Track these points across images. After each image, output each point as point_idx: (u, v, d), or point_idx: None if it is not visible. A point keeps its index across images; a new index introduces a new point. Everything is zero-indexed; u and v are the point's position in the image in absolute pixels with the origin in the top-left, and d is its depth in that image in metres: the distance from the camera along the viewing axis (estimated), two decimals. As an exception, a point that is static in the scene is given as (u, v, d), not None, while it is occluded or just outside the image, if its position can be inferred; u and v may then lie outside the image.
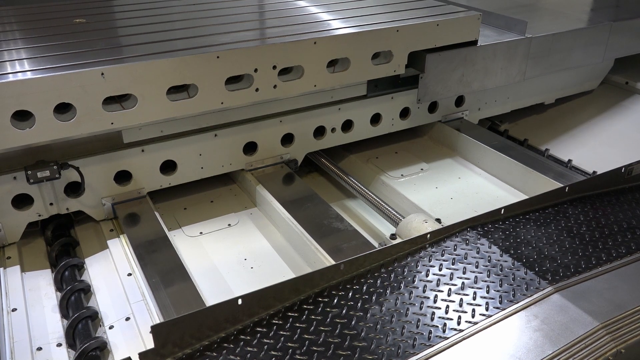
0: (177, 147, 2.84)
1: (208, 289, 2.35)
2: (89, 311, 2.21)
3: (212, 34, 3.04)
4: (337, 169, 3.22)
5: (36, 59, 2.56)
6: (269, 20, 3.52)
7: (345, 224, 2.65)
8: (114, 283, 2.42)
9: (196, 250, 2.66)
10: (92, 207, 2.74)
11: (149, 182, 2.84)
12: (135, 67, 2.46)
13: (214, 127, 2.93)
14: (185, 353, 1.79)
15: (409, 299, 1.97)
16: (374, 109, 3.38)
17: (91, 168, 2.65)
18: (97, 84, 2.38)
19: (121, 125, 2.52)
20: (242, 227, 2.85)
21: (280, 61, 2.77)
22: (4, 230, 2.56)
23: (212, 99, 2.67)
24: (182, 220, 2.88)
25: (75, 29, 3.03)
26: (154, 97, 2.52)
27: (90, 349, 2.05)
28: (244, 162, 3.07)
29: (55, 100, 2.32)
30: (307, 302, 1.96)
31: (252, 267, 2.57)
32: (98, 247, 2.66)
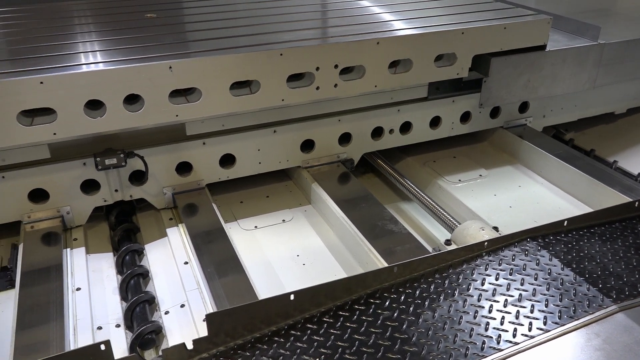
0: (237, 141, 2.89)
1: (260, 282, 2.38)
2: (146, 295, 2.29)
3: (275, 31, 3.08)
4: (393, 170, 3.19)
5: (109, 51, 2.68)
6: (331, 19, 3.54)
7: (399, 226, 2.63)
8: (171, 270, 2.49)
9: (250, 244, 2.71)
10: (153, 196, 2.83)
11: (209, 174, 2.91)
12: (201, 61, 2.53)
13: (274, 124, 2.96)
14: (236, 343, 1.83)
15: (462, 306, 1.92)
16: (434, 112, 3.33)
17: (155, 158, 2.74)
18: (165, 77, 2.45)
19: (185, 117, 2.60)
20: (296, 223, 2.88)
21: (342, 60, 2.78)
22: (72, 213, 2.69)
23: (274, 95, 2.70)
24: (238, 213, 2.94)
25: (146, 24, 3.15)
26: (218, 92, 2.58)
27: (147, 332, 2.12)
28: (301, 160, 3.09)
29: (125, 91, 2.42)
30: (358, 303, 1.95)
31: (304, 264, 2.59)
32: (157, 235, 2.75)
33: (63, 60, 2.53)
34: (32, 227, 2.61)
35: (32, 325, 2.06)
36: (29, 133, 2.34)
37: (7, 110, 2.27)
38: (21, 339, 2.00)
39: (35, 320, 2.08)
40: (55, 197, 2.63)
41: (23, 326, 2.05)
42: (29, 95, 2.27)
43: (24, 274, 2.33)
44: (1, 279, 2.45)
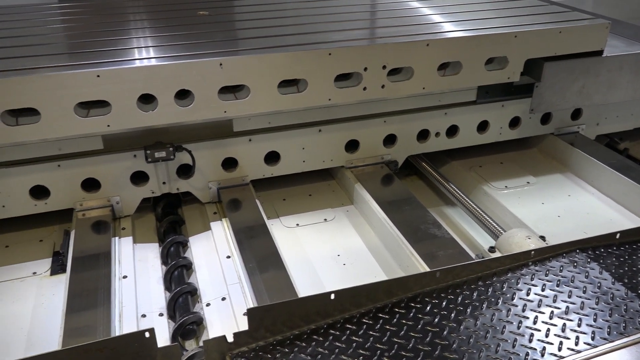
0: (282, 139, 2.92)
1: (300, 280, 2.39)
2: (189, 287, 2.34)
3: (324, 31, 3.09)
4: (438, 174, 3.15)
5: (162, 47, 2.75)
6: (380, 19, 3.52)
7: (442, 230, 2.59)
8: (214, 263, 2.54)
9: (291, 241, 2.72)
10: (199, 190, 2.89)
11: (253, 171, 2.95)
12: (251, 59, 2.56)
13: (319, 123, 2.97)
14: (275, 339, 1.84)
15: (506, 316, 1.88)
16: (482, 116, 3.26)
17: (202, 152, 2.79)
18: (215, 73, 2.50)
19: (233, 114, 2.64)
20: (337, 223, 2.88)
21: (391, 61, 2.76)
22: (122, 203, 2.77)
23: (321, 94, 2.71)
24: (281, 210, 2.96)
25: (198, 21, 3.21)
26: (266, 90, 2.61)
27: (188, 323, 2.17)
28: (345, 160, 3.09)
29: (176, 87, 2.47)
30: (399, 306, 1.93)
31: (344, 264, 2.59)
32: (201, 228, 2.81)
33: (118, 55, 2.61)
34: (83, 215, 2.71)
35: (81, 309, 2.14)
36: (84, 124, 2.42)
37: (65, 102, 2.36)
38: (70, 322, 2.07)
39: (84, 305, 2.16)
40: (106, 187, 2.72)
41: (72, 310, 2.13)
42: (86, 88, 2.35)
43: (74, 259, 2.42)
44: (54, 263, 2.55)
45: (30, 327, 2.23)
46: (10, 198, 2.59)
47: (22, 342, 2.16)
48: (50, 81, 2.30)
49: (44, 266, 2.55)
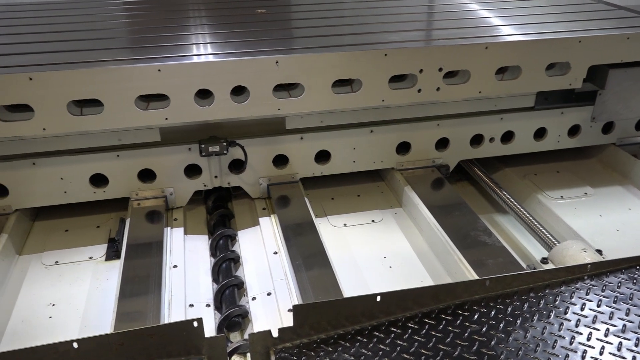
0: (333, 138, 2.93)
1: (346, 280, 2.39)
2: (236, 280, 2.38)
3: (380, 31, 3.08)
4: (491, 180, 3.07)
5: (220, 44, 2.81)
6: (437, 21, 3.48)
7: (493, 238, 2.53)
8: (261, 258, 2.57)
9: (338, 241, 2.72)
10: (249, 185, 2.94)
11: (303, 169, 2.97)
12: (307, 58, 2.57)
13: (371, 123, 2.96)
14: (320, 337, 1.85)
15: (558, 330, 1.82)
16: (540, 123, 3.16)
17: (254, 148, 2.83)
18: (271, 71, 2.53)
19: (287, 112, 2.66)
20: (385, 225, 2.86)
21: (447, 64, 2.72)
22: (175, 195, 2.85)
23: (374, 95, 2.70)
24: (329, 209, 2.97)
25: (256, 19, 3.27)
26: (320, 88, 2.62)
27: (234, 315, 2.20)
28: (395, 161, 3.07)
29: (233, 83, 2.52)
30: (445, 312, 1.90)
31: (390, 267, 2.57)
32: (250, 223, 2.85)
33: (178, 50, 2.69)
34: (138, 204, 2.80)
35: (133, 295, 2.21)
36: (144, 116, 2.50)
37: (126, 95, 2.44)
38: (122, 307, 2.15)
39: (135, 291, 2.23)
40: (161, 178, 2.80)
41: (125, 295, 2.21)
42: (147, 81, 2.43)
43: (128, 246, 2.50)
44: (109, 249, 2.65)
45: (85, 309, 2.33)
46: (72, 185, 2.71)
47: (77, 323, 2.26)
48: (114, 74, 2.39)
49: (100, 251, 2.66)
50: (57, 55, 2.65)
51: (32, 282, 2.47)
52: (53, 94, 2.36)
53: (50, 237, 2.77)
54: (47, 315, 2.28)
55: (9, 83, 2.31)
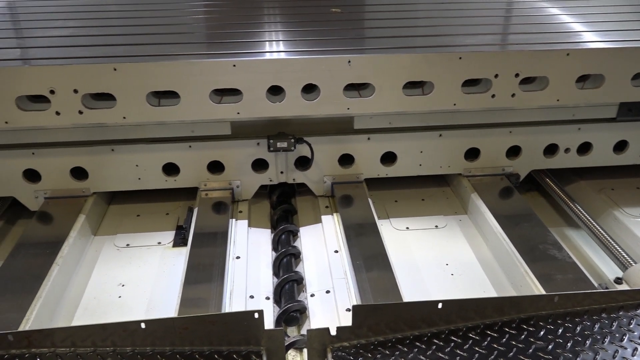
0: (401, 140, 2.90)
1: (406, 284, 2.36)
2: (296, 275, 2.41)
3: (455, 34, 3.03)
4: (563, 193, 2.94)
5: (294, 41, 2.84)
6: (515, 25, 3.37)
7: (563, 253, 2.42)
8: (321, 256, 2.59)
9: (400, 244, 2.70)
10: (314, 182, 2.96)
11: (368, 169, 2.96)
12: (379, 58, 2.56)
13: (440, 127, 2.91)
14: (377, 339, 1.84)
15: (632, 355, 1.72)
16: (621, 135, 3.00)
17: (321, 146, 2.85)
18: (343, 70, 2.54)
19: (356, 111, 2.66)
20: (449, 231, 2.81)
21: (525, 69, 2.62)
22: (241, 187, 2.92)
23: (446, 99, 2.65)
24: (392, 211, 2.94)
25: (330, 18, 3.28)
26: (391, 89, 2.60)
27: (292, 310, 2.23)
28: (463, 167, 3.00)
29: (305, 80, 2.55)
30: (509, 326, 1.84)
31: (452, 274, 2.52)
32: (312, 220, 2.87)
33: (252, 47, 2.75)
34: (206, 195, 2.89)
35: (197, 282, 2.29)
36: (217, 110, 2.58)
37: (202, 88, 2.52)
38: (187, 292, 2.22)
39: (199, 278, 2.30)
40: (229, 170, 2.87)
41: (189, 281, 2.28)
42: (223, 76, 2.50)
43: (195, 235, 2.59)
44: (176, 236, 2.75)
45: (151, 291, 2.43)
46: (146, 172, 2.83)
47: (144, 304, 2.36)
48: (191, 68, 2.47)
49: (168, 237, 2.76)
50: (139, 47, 2.78)
51: (104, 262, 2.61)
52: (134, 85, 2.48)
53: (123, 221, 2.91)
54: (117, 295, 2.40)
55: (95, 72, 2.44)
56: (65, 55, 2.61)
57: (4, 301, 2.15)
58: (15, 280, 2.26)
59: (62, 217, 2.69)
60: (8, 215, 2.92)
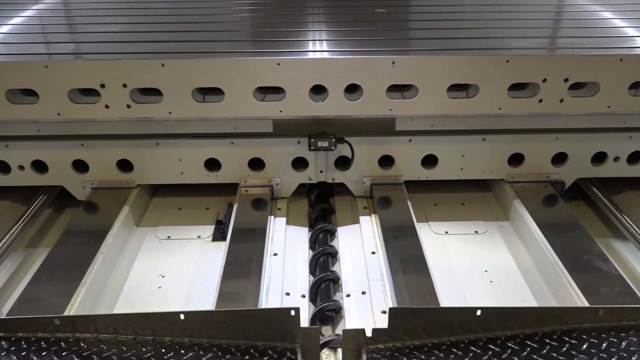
0: (442, 143, 2.86)
1: (443, 289, 2.32)
2: (332, 275, 2.41)
3: (502, 36, 2.97)
4: (611, 203, 2.84)
5: (338, 41, 2.85)
6: (565, 29, 3.28)
7: (609, 265, 2.34)
8: (358, 256, 2.58)
9: (439, 248, 2.67)
10: (353, 183, 2.96)
11: (408, 172, 2.94)
12: (424, 60, 2.54)
13: (484, 131, 2.86)
14: (413, 343, 1.82)
15: (680, 374, 1.65)
16: (675, 145, 2.88)
17: (361, 147, 2.84)
18: (387, 71, 2.52)
19: (398, 113, 2.65)
20: (489, 237, 2.76)
21: (575, 75, 2.55)
22: (281, 185, 2.94)
23: (491, 102, 2.60)
24: (431, 215, 2.91)
25: (375, 18, 3.27)
26: (434, 92, 2.57)
27: (328, 309, 2.23)
28: (506, 173, 2.94)
29: (348, 80, 2.55)
30: (550, 337, 1.80)
31: (491, 281, 2.47)
32: (350, 220, 2.87)
33: (296, 46, 2.76)
34: (246, 191, 2.92)
35: (235, 277, 2.32)
36: (260, 107, 2.60)
37: (246, 86, 2.55)
38: (224, 286, 2.26)
39: (237, 273, 2.33)
40: (269, 168, 2.90)
41: (227, 276, 2.32)
42: (267, 74, 2.52)
43: (234, 230, 2.62)
44: (216, 231, 2.79)
45: (190, 283, 2.47)
46: (189, 166, 2.89)
47: (182, 296, 2.41)
48: (236, 65, 2.51)
49: (207, 232, 2.81)
50: (186, 44, 2.83)
51: (146, 253, 2.67)
52: (181, 81, 2.53)
53: (164, 214, 2.97)
54: (157, 285, 2.46)
55: (144, 68, 2.50)
56: (115, 51, 2.69)
57: (50, 286, 2.24)
58: (61, 267, 2.35)
59: (107, 208, 2.77)
60: (57, 203, 3.03)
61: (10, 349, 1.74)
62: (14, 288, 2.46)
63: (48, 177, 2.88)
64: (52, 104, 2.55)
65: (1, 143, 2.79)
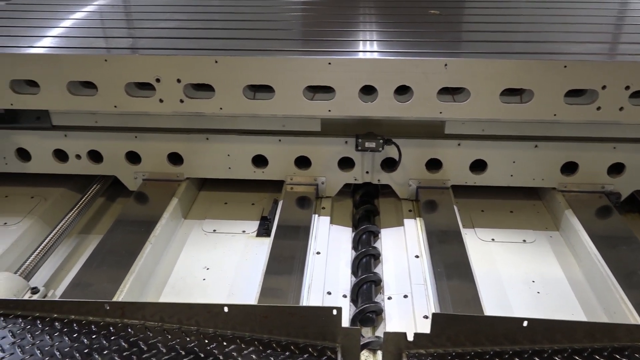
0: (493, 148, 2.80)
1: (488, 297, 2.28)
2: (375, 276, 2.40)
3: (558, 41, 2.88)
4: (670, 217, 2.73)
5: (389, 42, 2.83)
6: (627, 34, 3.16)
7: (665, 282, 2.24)
8: (401, 259, 2.56)
9: (485, 255, 2.61)
10: (399, 185, 2.93)
11: (456, 176, 2.89)
12: (477, 63, 2.49)
13: (537, 138, 2.78)
14: (455, 350, 1.79)
15: None
16: None
17: (408, 149, 2.82)
18: (439, 73, 2.49)
19: (448, 116, 2.61)
20: (537, 247, 2.68)
21: (637, 82, 2.45)
22: (326, 184, 2.95)
23: (546, 108, 2.53)
24: (477, 221, 2.85)
25: (428, 19, 3.23)
26: (487, 96, 2.52)
27: (369, 311, 2.22)
28: (558, 181, 2.85)
29: (398, 82, 2.53)
30: (600, 354, 1.73)
31: (538, 292, 2.40)
32: (394, 222, 2.84)
33: (347, 46, 2.76)
34: (291, 188, 2.94)
35: (277, 273, 2.34)
36: (310, 106, 2.62)
37: (296, 84, 2.57)
38: (267, 282, 2.28)
39: (280, 270, 2.36)
40: (315, 166, 2.91)
41: (270, 272, 2.34)
42: (317, 73, 2.53)
43: (279, 227, 2.65)
44: (260, 227, 2.83)
45: (233, 277, 2.51)
46: (236, 162, 2.93)
47: (225, 289, 2.45)
48: (288, 64, 2.53)
49: (252, 227, 2.84)
50: (239, 42, 2.88)
51: (192, 245, 2.73)
52: (233, 77, 2.57)
53: (211, 207, 3.03)
54: (202, 277, 2.51)
55: (198, 64, 2.55)
56: (171, 47, 2.76)
57: (101, 272, 2.32)
58: (112, 254, 2.43)
59: (156, 199, 2.85)
60: (109, 192, 3.13)
61: (63, 330, 1.81)
62: (66, 272, 2.56)
63: (102, 167, 2.98)
64: (109, 97, 2.64)
65: (60, 132, 2.91)
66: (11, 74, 2.63)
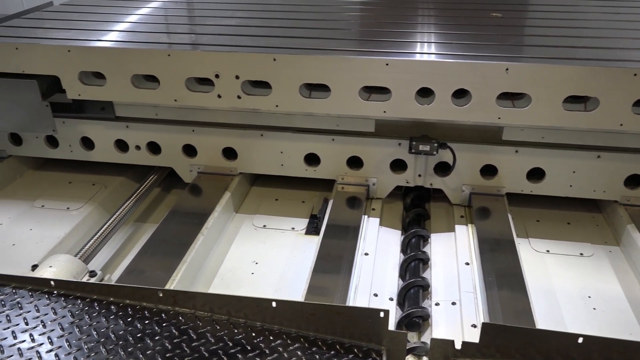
0: (552, 157, 2.71)
1: (540, 310, 2.21)
2: (423, 281, 2.37)
3: (627, 47, 2.76)
4: None
5: (449, 44, 2.78)
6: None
7: None
8: (450, 266, 2.51)
9: (538, 266, 2.53)
10: (451, 190, 2.88)
11: (512, 184, 2.81)
12: (540, 68, 2.42)
13: (600, 148, 2.68)
14: (504, 363, 1.75)
15: None
16: None
17: (463, 154, 2.76)
18: (499, 77, 2.43)
19: (507, 122, 2.54)
20: (596, 261, 2.57)
21: None
22: (377, 185, 2.93)
23: (612, 118, 2.43)
24: (532, 231, 2.77)
25: (489, 22, 3.16)
26: (549, 102, 2.44)
27: (415, 315, 2.20)
28: (621, 194, 2.73)
29: (456, 85, 2.48)
30: (661, 377, 1.65)
31: (594, 308, 2.31)
32: (445, 227, 2.80)
33: (405, 47, 2.74)
34: (342, 188, 2.95)
35: (325, 271, 2.35)
36: (364, 107, 2.61)
37: (352, 84, 2.57)
38: (314, 280, 2.29)
39: (328, 268, 2.36)
40: (367, 167, 2.90)
41: (318, 270, 2.35)
42: (374, 73, 2.52)
43: (328, 226, 2.66)
44: (309, 225, 2.84)
45: (281, 273, 2.54)
46: (289, 159, 2.96)
47: (273, 284, 2.48)
48: (345, 64, 2.53)
49: (301, 224, 2.86)
50: (297, 40, 2.90)
51: (242, 239, 2.78)
52: (290, 75, 2.60)
53: (262, 203, 3.07)
54: (250, 271, 2.55)
55: (256, 61, 2.60)
56: (231, 44, 2.81)
57: (155, 260, 2.40)
58: (166, 243, 2.50)
59: (210, 192, 2.91)
60: (165, 183, 3.23)
61: (118, 314, 1.88)
62: (122, 258, 2.66)
63: (160, 158, 3.08)
64: (170, 91, 2.73)
65: (123, 124, 3.02)
66: (80, 66, 2.75)
